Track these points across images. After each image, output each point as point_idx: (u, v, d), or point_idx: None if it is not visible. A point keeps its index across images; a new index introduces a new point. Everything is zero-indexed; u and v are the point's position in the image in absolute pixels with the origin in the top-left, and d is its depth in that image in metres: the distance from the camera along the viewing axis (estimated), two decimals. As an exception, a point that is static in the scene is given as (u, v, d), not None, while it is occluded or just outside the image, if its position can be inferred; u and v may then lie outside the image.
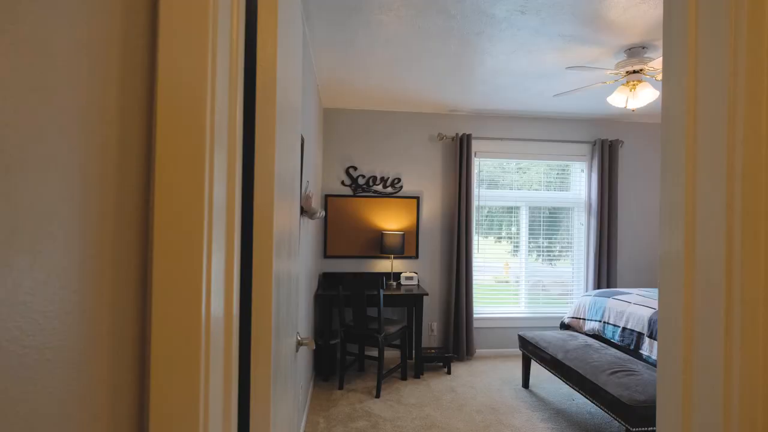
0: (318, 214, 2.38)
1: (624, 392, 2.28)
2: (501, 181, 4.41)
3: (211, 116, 0.51)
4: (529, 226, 4.40)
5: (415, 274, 3.95)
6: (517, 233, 4.41)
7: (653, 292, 3.36)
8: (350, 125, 4.12)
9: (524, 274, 4.41)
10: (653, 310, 2.85)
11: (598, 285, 4.24)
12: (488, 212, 4.39)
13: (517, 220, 4.40)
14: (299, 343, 1.43)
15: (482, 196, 4.29)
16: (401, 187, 4.16)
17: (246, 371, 0.79)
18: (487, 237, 4.40)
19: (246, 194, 0.78)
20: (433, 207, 4.22)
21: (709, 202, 0.69)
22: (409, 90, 3.57)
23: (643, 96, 2.65)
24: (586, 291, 4.31)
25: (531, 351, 3.27)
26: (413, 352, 3.74)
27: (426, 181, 4.21)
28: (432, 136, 4.21)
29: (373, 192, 4.12)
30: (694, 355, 0.70)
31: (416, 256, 4.16)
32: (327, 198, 4.06)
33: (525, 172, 4.44)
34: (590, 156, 4.38)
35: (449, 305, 4.10)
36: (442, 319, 4.22)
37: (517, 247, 4.42)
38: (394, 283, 3.94)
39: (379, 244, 4.08)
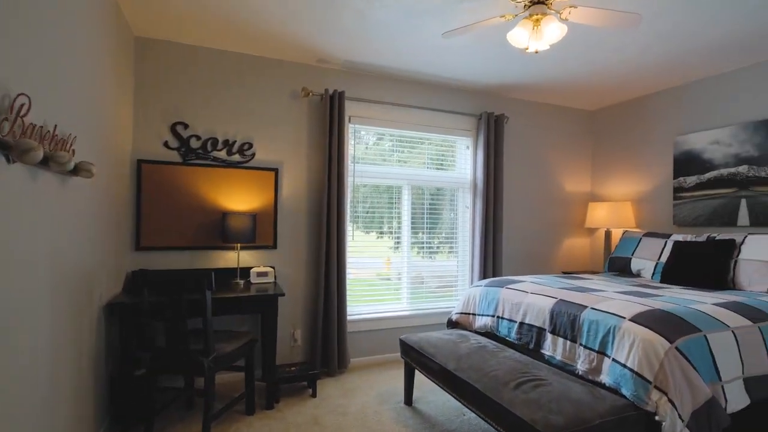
0: (71, 164, 1.31)
1: (536, 414, 1.68)
2: (381, 156, 3.70)
3: None
4: (412, 210, 3.77)
5: (271, 269, 2.99)
6: (399, 228, 3.74)
7: (549, 279, 2.96)
8: (180, 66, 2.97)
9: (406, 267, 3.77)
10: (554, 300, 2.37)
11: (484, 273, 3.81)
12: (370, 206, 3.65)
13: (399, 205, 3.73)
14: None
15: (359, 172, 3.52)
16: (253, 155, 3.16)
17: None
18: (368, 233, 3.66)
19: None
20: (297, 183, 3.30)
21: None
22: (262, 21, 2.60)
23: (549, 33, 2.13)
24: (473, 281, 3.84)
25: (415, 359, 2.59)
26: (266, 372, 2.77)
27: (287, 149, 3.27)
28: (295, 91, 3.29)
29: (213, 160, 3.04)
30: None
31: (274, 246, 3.20)
32: (141, 165, 2.85)
33: (406, 163, 3.80)
34: (476, 131, 3.94)
35: (317, 307, 3.23)
36: (308, 324, 3.33)
37: (398, 240, 3.76)
38: (242, 282, 2.93)
39: (220, 231, 3.01)
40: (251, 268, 3.05)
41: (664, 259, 3.21)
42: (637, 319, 1.93)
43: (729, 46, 2.88)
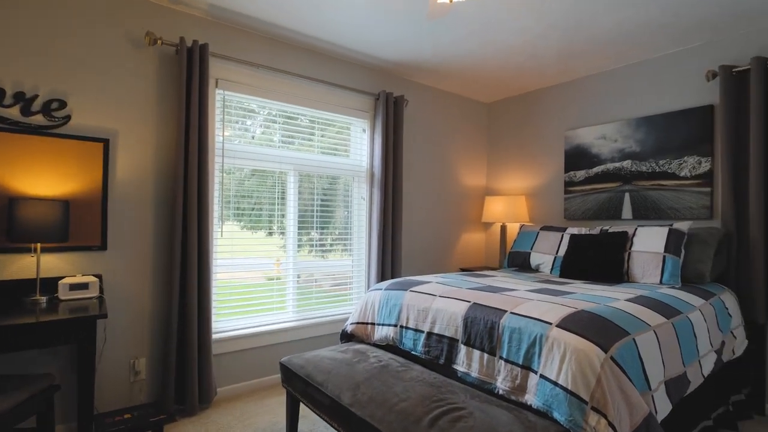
0: None
1: (462, 466, 1.24)
2: (262, 134, 3.01)
3: None
4: (302, 202, 3.16)
5: (95, 279, 2.12)
6: (283, 229, 3.10)
7: (455, 279, 2.61)
8: (-67, -27, 1.93)
9: (292, 270, 3.15)
10: (467, 304, 2.00)
11: (382, 273, 3.37)
12: (256, 201, 2.93)
13: (284, 196, 3.09)
14: None
15: (229, 153, 2.79)
16: (67, 117, 2.23)
17: None
18: (255, 231, 2.94)
19: None
20: (140, 161, 2.45)
21: None
22: None
23: (467, -23, 1.74)
24: (370, 283, 3.38)
25: (300, 390, 2.00)
26: (81, 427, 1.91)
27: (125, 115, 2.40)
28: (137, 37, 2.44)
29: (-3, 120, 2.06)
30: None
31: (102, 247, 2.31)
32: None
33: (293, 145, 3.18)
34: (374, 112, 3.49)
35: (169, 326, 2.43)
36: (156, 350, 2.51)
37: (283, 230, 3.11)
38: (44, 300, 2.01)
39: (5, 225, 2.04)
40: (62, 278, 2.14)
41: (561, 253, 3.13)
42: (564, 325, 1.62)
43: (617, 39, 2.86)
